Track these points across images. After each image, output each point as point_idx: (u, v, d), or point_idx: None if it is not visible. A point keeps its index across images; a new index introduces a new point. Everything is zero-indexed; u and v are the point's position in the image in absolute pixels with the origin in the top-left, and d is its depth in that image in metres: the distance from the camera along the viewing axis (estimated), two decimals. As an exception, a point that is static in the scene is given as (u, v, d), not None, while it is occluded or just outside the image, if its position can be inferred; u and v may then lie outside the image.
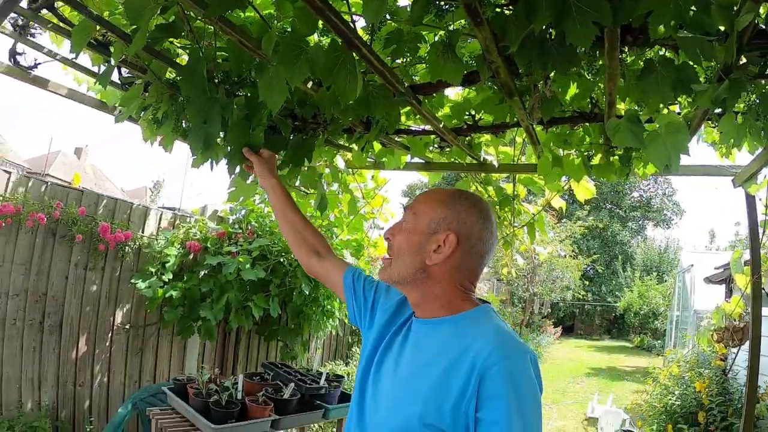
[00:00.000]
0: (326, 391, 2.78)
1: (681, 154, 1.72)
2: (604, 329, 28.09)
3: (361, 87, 1.57)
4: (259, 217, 4.43)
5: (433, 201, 1.39)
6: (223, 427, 2.21)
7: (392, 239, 1.41)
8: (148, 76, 1.96)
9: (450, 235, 1.32)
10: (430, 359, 1.28)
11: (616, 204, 32.96)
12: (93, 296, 3.86)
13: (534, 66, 1.54)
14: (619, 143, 1.81)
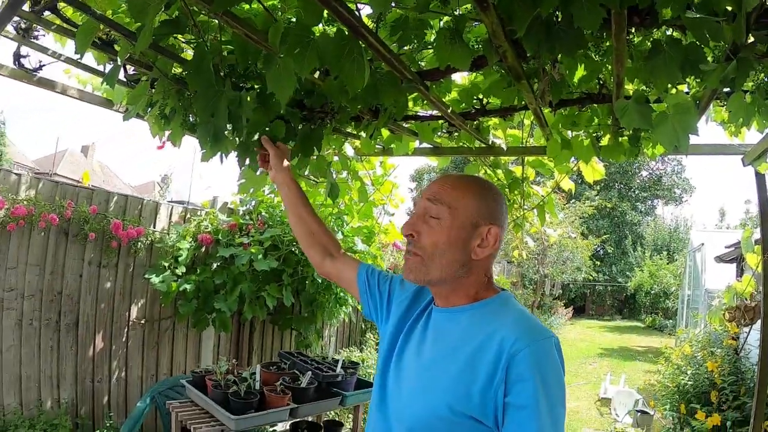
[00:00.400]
0: (343, 378, 2.79)
1: (690, 134, 1.72)
2: (615, 309, 28.02)
3: (369, 75, 1.56)
4: (270, 207, 4.44)
5: (469, 192, 1.34)
6: (244, 417, 2.25)
7: (418, 237, 1.34)
8: (154, 72, 1.96)
9: (492, 228, 1.31)
10: (455, 346, 1.28)
11: (625, 184, 32.80)
12: (108, 293, 3.89)
13: (542, 50, 1.54)
14: (627, 125, 1.81)
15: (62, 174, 23.21)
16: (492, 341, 1.21)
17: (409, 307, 1.49)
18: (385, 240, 5.02)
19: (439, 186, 1.37)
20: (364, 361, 5.04)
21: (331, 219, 4.28)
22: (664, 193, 33.87)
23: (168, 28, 1.68)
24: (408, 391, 1.31)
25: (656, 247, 27.42)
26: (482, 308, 1.32)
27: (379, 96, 1.86)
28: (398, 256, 6.55)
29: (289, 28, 1.49)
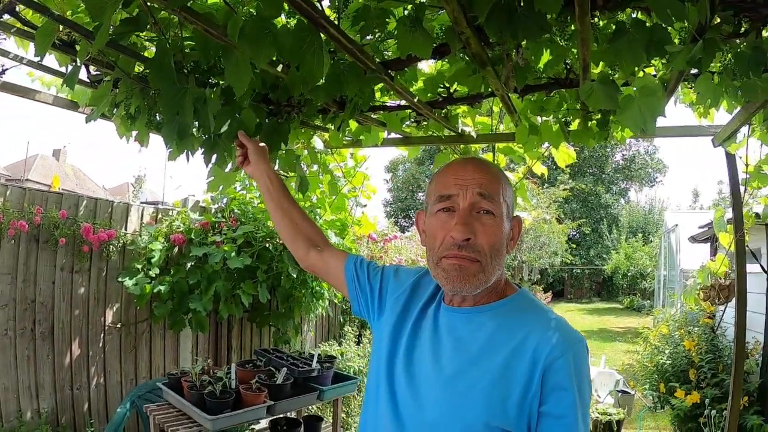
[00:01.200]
0: (319, 372, 2.79)
1: (656, 116, 1.73)
2: (593, 292, 28.50)
3: (329, 66, 1.54)
4: (242, 204, 4.41)
5: (505, 183, 1.24)
6: (220, 417, 2.23)
7: (475, 238, 1.16)
8: (116, 72, 1.92)
9: (516, 219, 1.25)
10: (482, 353, 1.16)
11: (599, 167, 33.24)
12: (81, 299, 3.84)
13: (504, 35, 1.53)
14: (593, 106, 1.81)
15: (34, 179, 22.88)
16: (525, 348, 1.12)
17: (408, 302, 1.37)
18: (359, 232, 5.00)
19: (484, 175, 1.21)
20: (343, 354, 5.03)
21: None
22: (638, 173, 34.37)
23: (128, 27, 1.64)
24: (432, 402, 1.17)
25: (632, 229, 27.88)
26: (504, 308, 1.22)
27: (342, 87, 1.84)
28: (373, 248, 6.54)
29: (247, 21, 1.46)
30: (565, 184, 19.91)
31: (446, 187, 1.21)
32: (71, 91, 2.63)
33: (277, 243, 4.16)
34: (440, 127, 2.85)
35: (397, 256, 7.01)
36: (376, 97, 2.47)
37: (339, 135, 2.86)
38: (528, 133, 2.57)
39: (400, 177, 38.42)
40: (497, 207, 1.18)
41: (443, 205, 1.20)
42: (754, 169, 3.17)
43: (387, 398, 1.26)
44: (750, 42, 1.68)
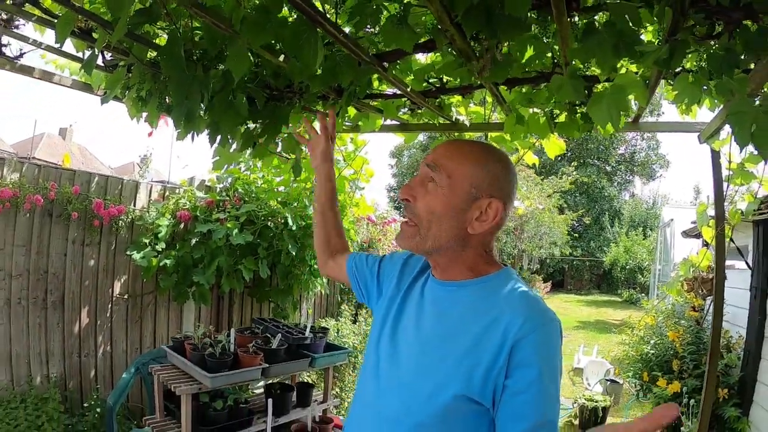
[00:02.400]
0: (312, 341, 2.96)
1: (621, 112, 1.89)
2: (593, 284, 28.45)
3: (323, 59, 1.70)
4: (245, 184, 4.56)
5: (469, 160, 1.27)
6: (218, 375, 2.41)
7: (414, 201, 1.29)
8: (130, 58, 2.08)
9: (493, 202, 1.25)
10: (458, 325, 1.24)
11: (603, 159, 33.23)
12: (91, 270, 4.00)
13: (482, 33, 1.68)
14: (561, 98, 1.97)
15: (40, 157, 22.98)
16: (498, 323, 1.17)
17: (400, 279, 1.46)
18: (358, 213, 5.16)
19: (441, 151, 1.31)
20: (339, 330, 5.20)
21: (304, 194, 4.42)
22: (640, 168, 34.37)
23: (142, 17, 1.78)
24: (408, 365, 1.28)
25: (633, 223, 27.87)
26: (484, 284, 1.28)
27: (338, 76, 2.00)
28: (372, 230, 6.70)
29: (249, 13, 1.62)
30: (569, 175, 19.94)
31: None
32: (86, 75, 2.79)
33: (278, 222, 4.31)
34: (434, 115, 3.00)
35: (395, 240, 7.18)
36: (373, 85, 2.63)
37: (339, 120, 3.01)
38: (515, 123, 2.71)
39: (405, 163, 38.54)
40: (443, 179, 1.25)
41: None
42: (737, 167, 3.25)
43: (373, 361, 1.37)
44: (722, 44, 1.80)
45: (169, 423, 2.62)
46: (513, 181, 1.32)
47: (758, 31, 1.71)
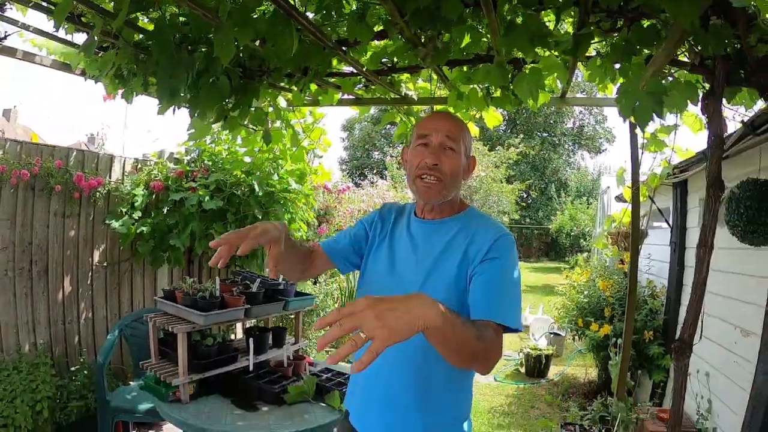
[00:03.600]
0: (285, 286, 3.34)
1: (540, 90, 2.35)
2: (542, 252, 29.25)
3: (297, 45, 2.07)
4: (212, 155, 4.83)
5: (465, 130, 1.71)
6: (210, 314, 2.77)
7: (441, 164, 1.64)
8: (119, 42, 2.36)
9: (473, 157, 1.76)
10: (444, 250, 1.65)
11: (549, 132, 34.12)
12: (72, 240, 4.19)
13: (426, 27, 2.10)
14: (490, 83, 2.41)
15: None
16: (476, 238, 1.61)
17: (382, 225, 1.87)
18: (315, 181, 5.51)
19: (451, 124, 1.69)
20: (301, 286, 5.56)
21: (267, 164, 4.73)
22: (587, 142, 35.45)
23: (136, 6, 2.08)
24: (409, 280, 1.66)
25: (579, 193, 28.76)
26: (461, 219, 1.72)
27: (307, 59, 2.38)
28: (328, 198, 7.10)
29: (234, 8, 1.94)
30: (516, 147, 20.49)
31: (425, 129, 1.69)
32: (64, 54, 3.04)
33: (245, 189, 4.62)
34: (386, 91, 3.39)
35: (350, 206, 7.60)
36: (333, 65, 3.01)
37: (301, 95, 3.37)
38: (456, 98, 3.13)
39: (357, 136, 38.76)
40: (458, 146, 1.66)
41: (421, 141, 1.68)
42: (650, 136, 3.66)
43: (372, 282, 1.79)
44: (622, 36, 2.25)
45: (164, 363, 2.96)
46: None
47: (648, 27, 2.18)
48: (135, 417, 3.68)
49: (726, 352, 3.61)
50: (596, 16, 2.19)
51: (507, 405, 5.94)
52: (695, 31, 1.91)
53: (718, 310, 3.83)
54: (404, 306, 1.09)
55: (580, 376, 6.86)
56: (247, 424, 2.61)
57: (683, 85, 2.21)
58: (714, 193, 2.19)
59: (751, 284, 3.26)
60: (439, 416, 1.66)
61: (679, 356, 2.29)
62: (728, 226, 2.83)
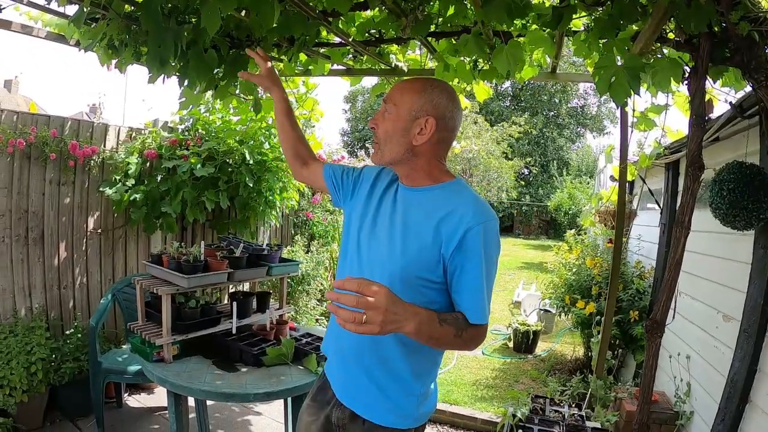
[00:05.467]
0: (269, 252, 3.40)
1: (519, 63, 2.37)
2: (541, 230, 29.43)
3: (278, 15, 2.09)
4: (206, 124, 4.86)
5: (410, 91, 1.66)
6: (193, 276, 2.84)
7: (377, 128, 1.70)
8: (110, 13, 2.38)
9: (429, 119, 1.62)
10: (424, 216, 1.63)
11: (553, 111, 34.00)
12: (67, 208, 4.24)
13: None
14: (467, 54, 2.43)
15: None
16: (452, 218, 1.56)
17: (373, 184, 1.86)
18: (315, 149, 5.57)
19: (392, 90, 1.72)
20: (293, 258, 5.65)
21: (260, 132, 4.77)
22: (590, 122, 35.32)
23: None
24: (385, 247, 1.68)
25: (580, 172, 28.79)
26: (443, 189, 1.68)
27: (290, 29, 2.41)
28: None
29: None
30: (519, 125, 20.46)
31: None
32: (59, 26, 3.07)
33: (236, 158, 4.66)
34: (376, 62, 3.42)
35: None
36: (322, 35, 3.03)
37: (291, 65, 3.40)
38: (443, 70, 3.16)
39: (359, 108, 38.75)
40: (397, 108, 1.66)
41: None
42: (641, 115, 3.64)
43: (354, 248, 1.80)
44: (606, 10, 2.27)
45: (150, 325, 3.04)
46: (450, 105, 1.68)
47: (630, 3, 2.19)
48: (125, 378, 3.80)
49: (707, 335, 3.65)
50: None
51: (492, 378, 6.04)
52: (678, 7, 1.92)
53: (702, 294, 3.87)
54: (400, 319, 1.36)
55: (567, 354, 6.96)
56: (224, 383, 2.69)
57: (667, 63, 2.22)
58: (693, 172, 2.23)
59: (734, 269, 3.28)
60: (395, 382, 1.71)
61: (651, 336, 2.35)
62: (711, 208, 2.85)
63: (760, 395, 2.75)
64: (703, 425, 3.37)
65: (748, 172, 2.69)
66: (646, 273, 5.69)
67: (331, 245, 7.06)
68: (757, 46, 1.97)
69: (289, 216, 6.72)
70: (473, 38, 2.37)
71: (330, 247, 7.01)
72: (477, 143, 17.19)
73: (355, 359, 1.74)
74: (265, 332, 3.27)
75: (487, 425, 4.54)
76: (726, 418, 2.90)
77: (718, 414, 2.99)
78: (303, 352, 3.01)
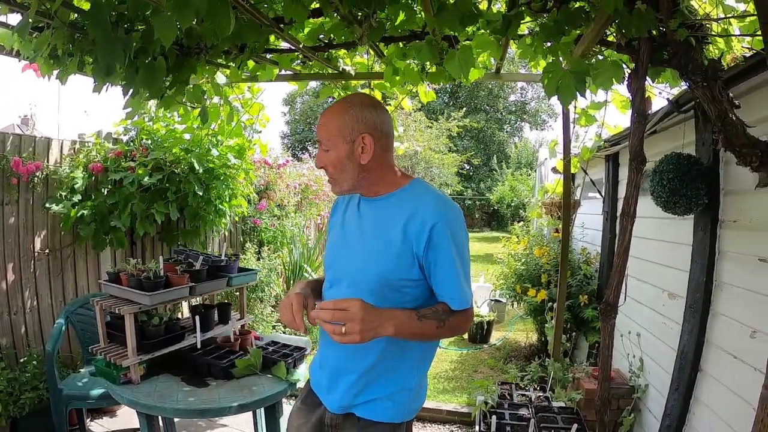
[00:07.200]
0: (227, 263, 3.37)
1: (471, 66, 2.45)
2: (484, 222, 29.98)
3: (235, 24, 2.08)
4: (150, 133, 4.75)
5: (334, 120, 1.72)
6: (155, 293, 2.78)
7: (325, 166, 1.77)
8: (55, 22, 2.30)
9: (365, 136, 1.69)
10: (388, 223, 1.70)
11: (492, 106, 34.69)
12: (12, 228, 4.02)
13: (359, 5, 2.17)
14: (421, 60, 2.50)
15: None
16: (416, 218, 1.64)
17: (340, 207, 1.97)
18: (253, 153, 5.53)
19: (319, 128, 1.76)
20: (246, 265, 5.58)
21: (206, 139, 4.70)
22: (530, 117, 36.24)
23: None
24: (356, 258, 1.76)
25: (520, 165, 29.42)
26: (401, 193, 1.76)
27: (243, 37, 2.41)
28: (269, 173, 7.11)
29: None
30: (458, 120, 20.73)
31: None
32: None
33: (184, 168, 4.58)
34: (324, 66, 3.44)
35: (291, 181, 7.65)
36: (270, 41, 3.03)
37: (239, 72, 3.38)
38: (392, 73, 3.20)
39: (298, 110, 38.55)
40: (330, 141, 1.72)
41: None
42: (582, 111, 3.83)
43: (332, 264, 1.89)
44: (552, 17, 2.37)
45: (114, 346, 2.94)
46: (376, 113, 1.74)
47: (576, 9, 2.30)
48: (88, 403, 3.65)
49: (655, 314, 3.86)
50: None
51: (451, 370, 6.16)
52: (620, 13, 2.04)
53: (648, 275, 4.09)
54: (376, 325, 1.50)
55: (521, 341, 7.15)
56: (198, 399, 2.66)
57: (609, 64, 2.38)
58: (636, 166, 2.38)
59: (676, 251, 3.49)
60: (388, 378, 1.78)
61: (606, 317, 2.50)
62: (653, 197, 3.04)
63: (710, 364, 2.96)
64: (659, 396, 3.56)
65: (686, 162, 2.90)
66: (591, 258, 5.90)
67: (281, 250, 7.02)
68: (694, 50, 2.12)
69: (237, 223, 6.64)
70: (426, 45, 2.43)
71: (280, 252, 6.97)
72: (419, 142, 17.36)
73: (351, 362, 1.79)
74: (230, 344, 3.25)
75: (452, 416, 4.64)
76: (680, 387, 3.11)
77: (672, 384, 3.20)
78: (271, 361, 3.01)
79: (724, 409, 2.74)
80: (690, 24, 2.13)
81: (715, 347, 2.92)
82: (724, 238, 2.91)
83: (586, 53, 2.50)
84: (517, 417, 3.64)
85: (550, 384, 4.32)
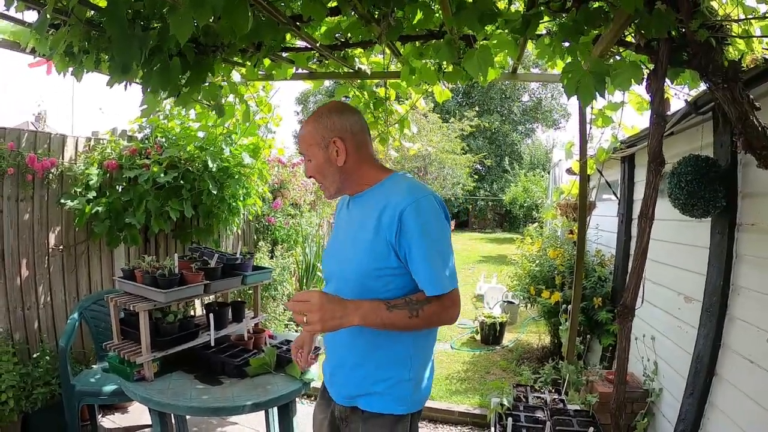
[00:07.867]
0: (242, 261, 3.37)
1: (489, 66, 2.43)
2: (497, 223, 29.81)
3: (252, 22, 2.08)
4: (165, 131, 4.77)
5: (307, 133, 1.88)
6: (170, 291, 2.78)
7: (313, 175, 1.92)
8: (71, 19, 2.31)
9: (336, 140, 1.84)
10: (366, 217, 1.80)
11: (506, 107, 34.61)
12: (27, 224, 4.04)
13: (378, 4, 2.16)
14: (440, 59, 2.48)
15: None
16: (388, 208, 1.72)
17: (340, 210, 2.11)
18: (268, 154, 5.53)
19: (299, 142, 1.95)
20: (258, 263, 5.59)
21: (221, 138, 4.70)
22: (543, 117, 36.08)
23: None
24: (342, 254, 1.91)
25: (533, 165, 29.29)
26: (380, 187, 1.87)
27: (261, 35, 2.40)
28: (283, 171, 7.11)
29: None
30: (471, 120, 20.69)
31: None
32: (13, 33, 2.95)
33: (199, 165, 4.59)
34: (340, 65, 3.42)
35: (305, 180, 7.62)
36: (287, 39, 3.02)
37: (255, 70, 3.37)
38: (409, 72, 3.19)
39: (311, 109, 38.64)
40: (309, 151, 1.89)
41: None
42: (598, 112, 3.81)
43: (323, 261, 2.07)
44: (571, 16, 2.35)
45: (127, 343, 2.95)
46: (343, 117, 1.89)
47: (595, 9, 2.28)
48: (100, 399, 3.67)
49: (670, 317, 3.82)
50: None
51: (464, 371, 6.12)
52: (640, 14, 2.02)
53: (664, 278, 4.04)
54: (339, 315, 1.61)
55: (534, 342, 7.10)
56: (211, 397, 2.66)
57: (628, 65, 2.33)
58: (655, 168, 2.35)
59: (692, 254, 3.44)
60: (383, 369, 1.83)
61: (623, 320, 2.47)
62: (670, 199, 3.01)
63: (726, 368, 2.92)
64: (673, 400, 3.53)
65: (704, 164, 2.87)
66: (606, 261, 5.85)
67: (295, 249, 7.02)
68: (714, 51, 2.10)
69: (251, 222, 6.66)
70: (445, 44, 2.41)
71: (294, 251, 6.97)
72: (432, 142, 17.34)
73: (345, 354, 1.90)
74: (244, 342, 3.25)
75: (465, 417, 4.62)
76: (695, 392, 3.08)
77: (687, 388, 3.16)
78: (285, 360, 3.00)
79: (740, 415, 2.71)
80: (710, 24, 2.10)
81: (731, 352, 2.88)
82: (741, 241, 2.88)
83: (604, 53, 2.47)
84: (533, 419, 3.62)
85: (564, 387, 4.29)
